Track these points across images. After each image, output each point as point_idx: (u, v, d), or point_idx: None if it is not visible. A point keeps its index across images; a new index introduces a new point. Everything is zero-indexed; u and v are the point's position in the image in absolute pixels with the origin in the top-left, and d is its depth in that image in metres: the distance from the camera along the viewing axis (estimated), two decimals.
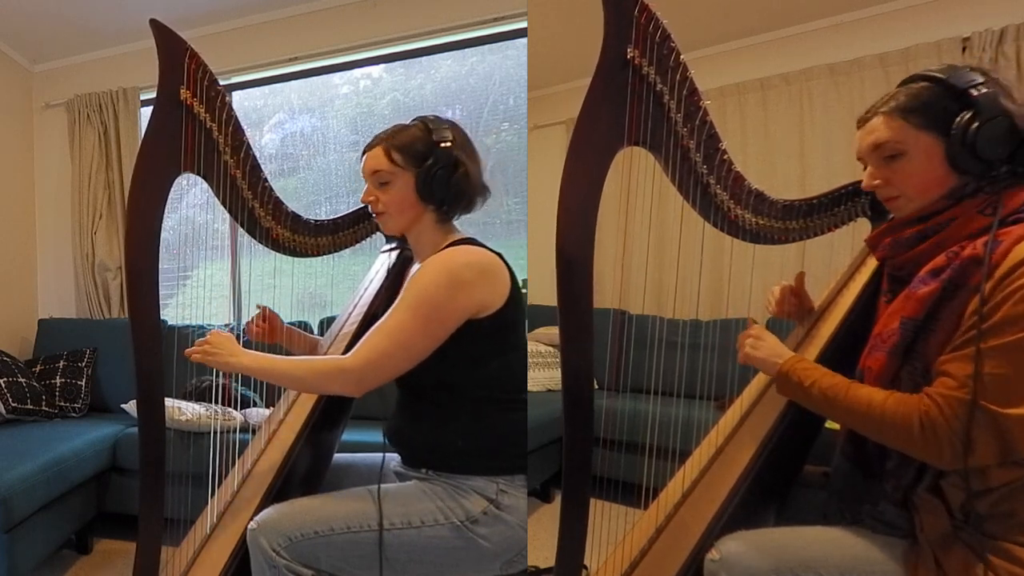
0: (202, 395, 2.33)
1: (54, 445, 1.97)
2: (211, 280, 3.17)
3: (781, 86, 2.91)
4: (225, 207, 1.27)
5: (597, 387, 2.91)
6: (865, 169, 1.03)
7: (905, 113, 0.95)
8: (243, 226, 1.30)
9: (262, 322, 1.42)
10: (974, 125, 0.89)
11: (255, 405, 2.32)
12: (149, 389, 1.20)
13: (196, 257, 3.19)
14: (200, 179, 1.23)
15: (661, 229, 3.22)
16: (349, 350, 1.33)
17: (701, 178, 1.10)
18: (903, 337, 0.94)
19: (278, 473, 1.25)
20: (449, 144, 1.18)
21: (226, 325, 1.29)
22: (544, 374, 3.00)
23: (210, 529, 1.23)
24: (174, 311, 3.14)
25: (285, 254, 1.36)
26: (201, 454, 2.01)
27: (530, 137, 3.61)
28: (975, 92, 0.90)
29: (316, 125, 3.05)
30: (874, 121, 0.99)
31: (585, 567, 1.14)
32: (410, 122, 1.24)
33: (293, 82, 3.03)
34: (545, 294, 3.50)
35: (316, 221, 1.37)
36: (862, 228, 1.21)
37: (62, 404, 2.58)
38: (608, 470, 2.40)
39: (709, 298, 3.09)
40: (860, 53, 2.71)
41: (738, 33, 3.00)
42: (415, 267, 1.29)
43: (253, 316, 1.44)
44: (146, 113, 2.92)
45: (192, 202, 3.16)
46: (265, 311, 1.44)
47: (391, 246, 1.49)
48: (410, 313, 1.12)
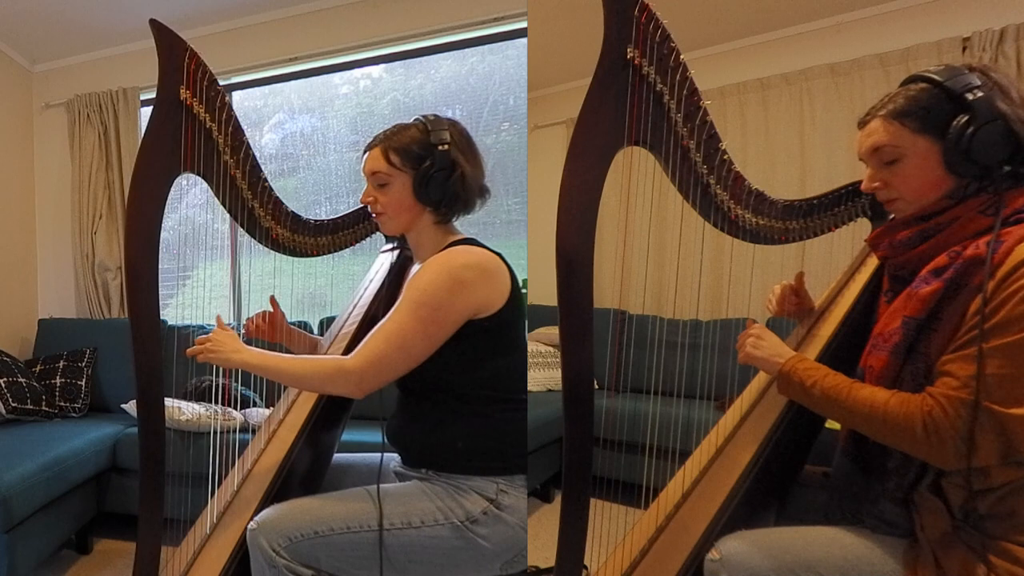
0: (202, 395, 2.33)
1: (54, 445, 1.97)
2: (211, 280, 3.17)
3: (781, 86, 2.91)
4: (225, 207, 1.27)
5: (597, 387, 2.91)
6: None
7: (902, 117, 0.95)
8: (243, 226, 1.30)
9: (262, 322, 1.42)
10: (969, 130, 0.90)
11: (255, 405, 2.32)
12: (149, 389, 1.20)
13: (196, 257, 3.19)
14: (200, 179, 1.23)
15: (661, 229, 3.22)
16: (349, 350, 1.33)
17: (701, 178, 1.10)
18: (905, 336, 0.94)
19: (278, 473, 1.25)
20: (447, 146, 1.18)
21: (226, 325, 1.28)
22: (544, 374, 3.00)
23: (210, 529, 1.23)
24: (174, 311, 3.15)
25: (285, 254, 1.36)
26: (201, 454, 2.02)
27: (530, 137, 3.61)
28: (970, 96, 0.90)
29: (316, 125, 3.05)
30: (873, 124, 0.99)
31: (585, 567, 1.14)
32: (412, 121, 1.24)
33: (293, 82, 3.03)
34: (545, 294, 3.50)
35: (316, 221, 1.37)
36: (862, 228, 1.22)
37: (62, 404, 2.58)
38: (608, 470, 2.40)
39: (709, 298, 3.09)
40: (860, 53, 2.71)
41: (738, 33, 3.00)
42: (415, 268, 1.29)
43: (255, 314, 1.44)
44: (146, 113, 2.91)
45: (192, 202, 3.16)
46: (273, 302, 1.43)
47: (391, 246, 1.49)
48: (410, 315, 1.12)
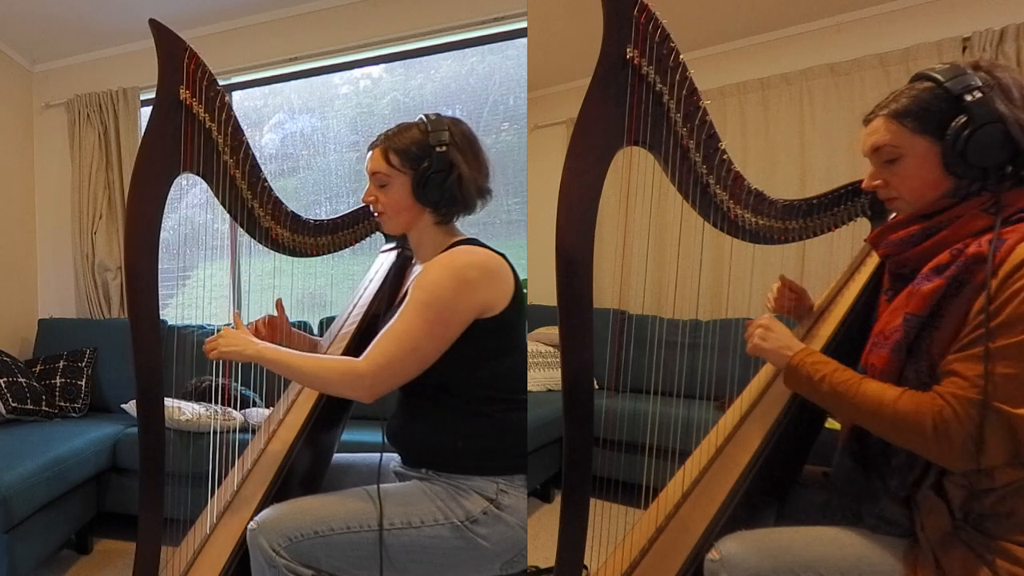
0: (202, 395, 2.33)
1: (54, 445, 1.97)
2: (211, 280, 3.17)
3: (781, 86, 2.91)
4: (225, 207, 1.27)
5: (597, 387, 2.91)
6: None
7: (903, 117, 0.95)
8: (243, 226, 1.30)
9: (263, 325, 1.41)
10: (966, 132, 0.90)
11: (255, 405, 2.32)
12: (149, 389, 1.20)
13: (196, 257, 3.19)
14: (200, 179, 1.23)
15: (661, 229, 3.22)
16: (349, 350, 1.34)
17: (701, 178, 1.10)
18: (906, 334, 0.93)
19: (278, 473, 1.25)
20: (445, 147, 1.17)
21: (226, 325, 1.28)
22: (544, 374, 3.00)
23: (210, 529, 1.23)
24: (174, 311, 3.14)
25: (285, 254, 1.36)
26: (201, 454, 2.01)
27: (530, 137, 3.61)
28: (969, 98, 0.90)
29: (316, 125, 3.05)
30: (875, 123, 0.99)
31: (585, 567, 1.14)
32: (415, 121, 1.23)
33: (293, 82, 3.03)
34: (545, 294, 3.50)
35: (316, 221, 1.37)
36: (862, 228, 1.22)
37: (62, 404, 2.58)
38: (608, 470, 2.40)
39: (709, 298, 3.09)
40: (860, 53, 2.71)
41: (738, 33, 3.00)
42: (417, 268, 1.29)
43: (258, 319, 1.42)
44: (146, 113, 2.89)
45: (192, 202, 3.16)
46: (279, 306, 1.42)
47: (391, 246, 1.49)
48: (418, 316, 1.11)
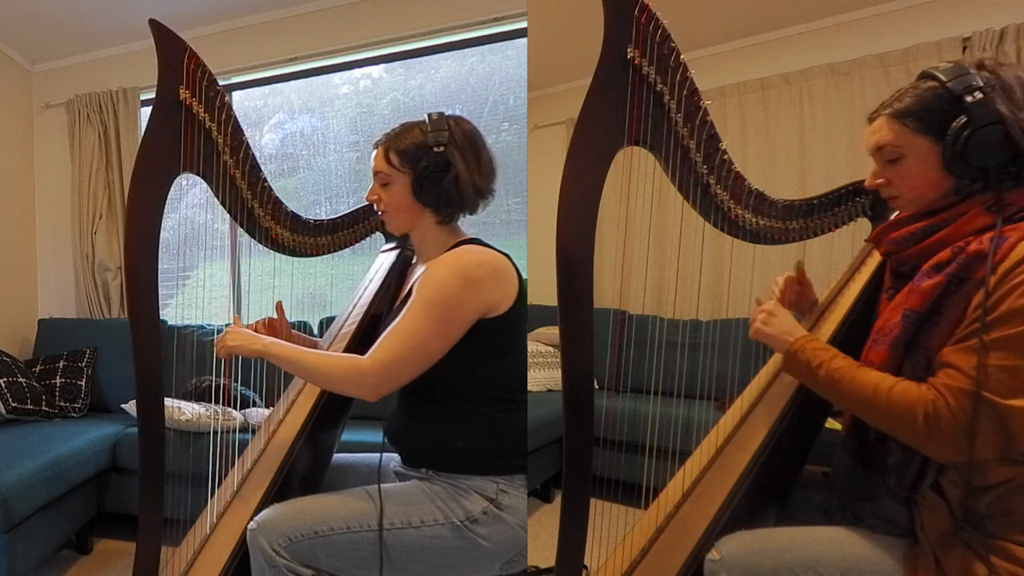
0: (202, 395, 2.33)
1: (54, 445, 1.97)
2: (211, 280, 3.17)
3: (781, 86, 2.91)
4: (225, 207, 1.27)
5: (597, 387, 2.91)
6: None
7: (905, 117, 0.95)
8: (243, 226, 1.30)
9: (262, 327, 1.41)
10: (965, 132, 0.90)
11: (255, 405, 2.32)
12: (149, 389, 1.20)
13: (196, 257, 3.19)
14: (200, 179, 1.23)
15: (661, 229, 3.22)
16: (349, 350, 1.34)
17: (701, 178, 1.10)
18: (905, 330, 0.94)
19: (278, 473, 1.25)
20: (443, 147, 1.16)
21: (226, 325, 1.28)
22: (544, 374, 3.00)
23: (210, 529, 1.23)
24: (174, 311, 3.14)
25: (285, 254, 1.36)
26: (201, 454, 2.01)
27: (530, 137, 3.61)
28: (970, 98, 0.90)
29: (316, 125, 3.05)
30: (878, 122, 0.99)
31: (585, 567, 1.14)
32: (419, 120, 1.22)
33: (293, 82, 3.03)
34: (545, 294, 3.50)
35: (316, 221, 1.37)
36: (862, 228, 1.22)
37: (62, 404, 2.58)
38: (608, 470, 2.40)
39: (709, 298, 3.09)
40: (860, 53, 2.71)
41: (738, 33, 3.00)
42: (420, 268, 1.28)
43: (257, 320, 1.43)
44: (146, 113, 2.89)
45: (192, 202, 3.16)
46: (279, 309, 1.42)
47: (391, 246, 1.49)
48: (424, 314, 1.11)
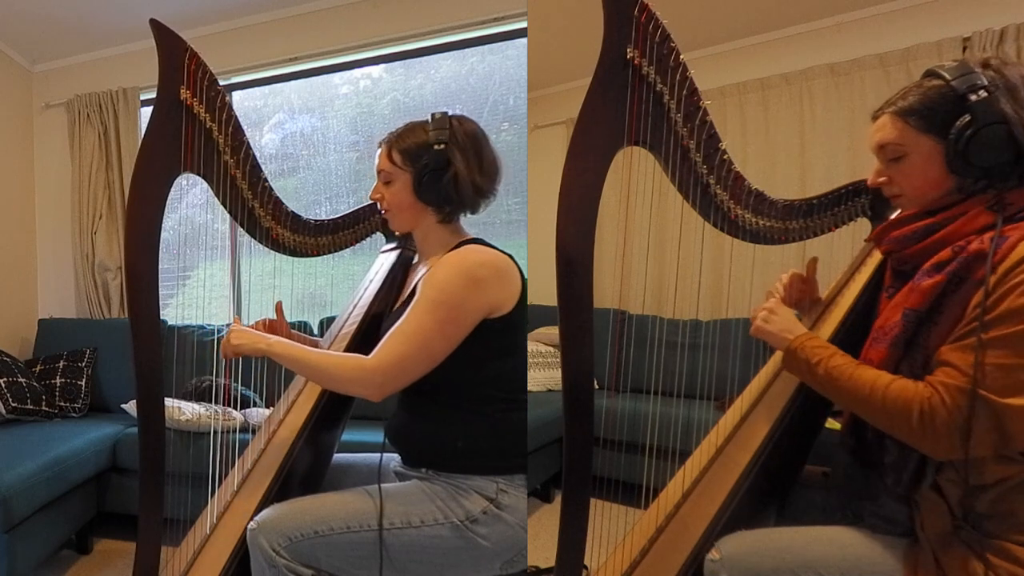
0: (202, 395, 2.33)
1: (54, 445, 1.97)
2: (211, 280, 3.17)
3: (781, 86, 2.91)
4: (225, 207, 1.27)
5: (597, 387, 2.91)
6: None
7: (908, 115, 0.95)
8: (243, 226, 1.30)
9: (262, 328, 1.40)
10: (968, 132, 0.89)
11: (255, 405, 2.32)
12: (149, 389, 1.20)
13: (196, 257, 3.19)
14: (200, 179, 1.23)
15: (661, 229, 3.22)
16: (349, 350, 1.33)
17: (701, 178, 1.10)
18: (905, 328, 0.94)
19: (278, 473, 1.25)
20: (443, 146, 1.17)
21: (226, 325, 1.28)
22: (544, 374, 3.00)
23: (210, 529, 1.23)
24: (174, 311, 3.14)
25: (285, 254, 1.36)
26: (201, 454, 2.02)
27: (530, 137, 3.61)
28: (974, 97, 0.90)
29: (316, 125, 3.05)
30: (882, 120, 0.99)
31: (585, 567, 1.14)
32: (423, 119, 1.22)
33: (293, 82, 3.03)
34: (545, 294, 3.49)
35: (316, 221, 1.37)
36: (862, 228, 1.22)
37: (62, 404, 2.58)
38: (608, 470, 2.40)
39: (709, 298, 3.09)
40: (860, 53, 2.71)
41: (738, 33, 3.00)
42: (422, 268, 1.29)
43: (257, 321, 1.43)
44: (146, 113, 2.91)
45: (192, 202, 3.16)
46: (279, 310, 1.42)
47: (391, 246, 1.49)
48: (429, 314, 1.11)
